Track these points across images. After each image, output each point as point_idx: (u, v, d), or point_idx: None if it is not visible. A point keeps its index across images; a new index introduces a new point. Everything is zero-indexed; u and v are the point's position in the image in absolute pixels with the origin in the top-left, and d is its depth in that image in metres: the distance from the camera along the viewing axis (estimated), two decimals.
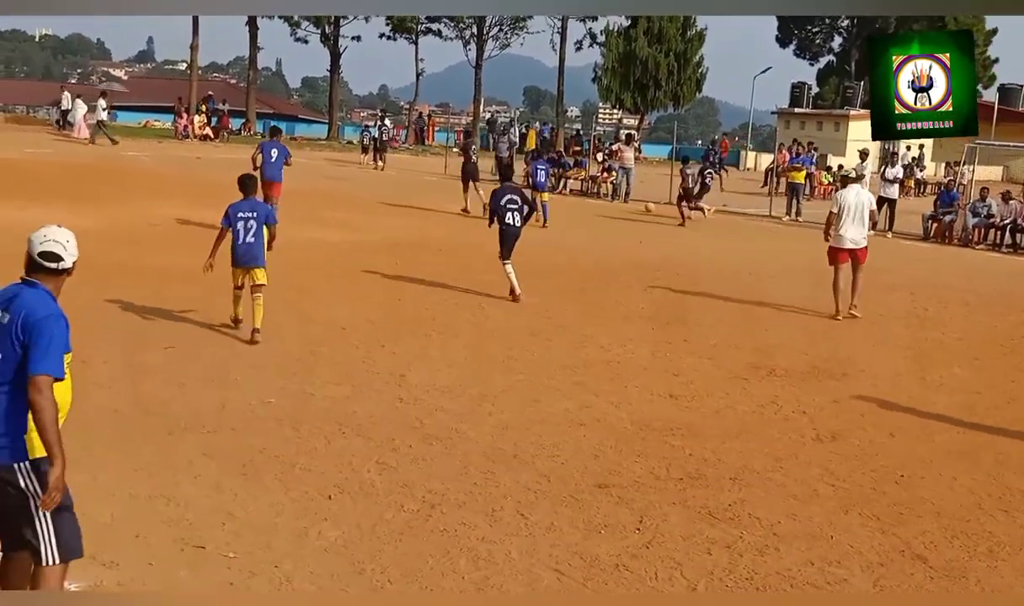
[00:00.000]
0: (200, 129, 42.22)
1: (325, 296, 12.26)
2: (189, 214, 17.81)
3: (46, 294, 4.19)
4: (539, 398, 8.58)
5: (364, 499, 6.17)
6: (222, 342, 9.74)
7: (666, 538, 5.89)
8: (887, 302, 14.47)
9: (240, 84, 70.97)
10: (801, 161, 28.11)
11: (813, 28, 71.29)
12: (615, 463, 7.11)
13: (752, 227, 24.70)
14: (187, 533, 5.54)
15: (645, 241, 19.70)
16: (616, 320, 12.09)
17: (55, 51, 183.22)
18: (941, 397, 9.57)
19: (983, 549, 6.05)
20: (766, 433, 8.05)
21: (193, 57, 50.72)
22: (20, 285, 4.21)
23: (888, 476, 7.19)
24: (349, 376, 8.84)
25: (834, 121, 54.22)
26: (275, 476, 6.44)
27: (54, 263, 4.20)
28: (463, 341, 10.54)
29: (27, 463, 4.12)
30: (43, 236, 4.23)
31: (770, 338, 11.60)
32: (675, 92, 54.73)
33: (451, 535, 5.74)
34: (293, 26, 51.57)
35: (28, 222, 5.43)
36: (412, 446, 7.16)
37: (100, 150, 32.76)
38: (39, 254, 4.20)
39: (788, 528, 6.15)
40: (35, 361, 4.03)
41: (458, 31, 53.69)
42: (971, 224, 23.35)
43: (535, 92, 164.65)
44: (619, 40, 53.92)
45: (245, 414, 7.62)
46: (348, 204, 22.52)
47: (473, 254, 16.02)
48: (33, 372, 4.02)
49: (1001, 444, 8.13)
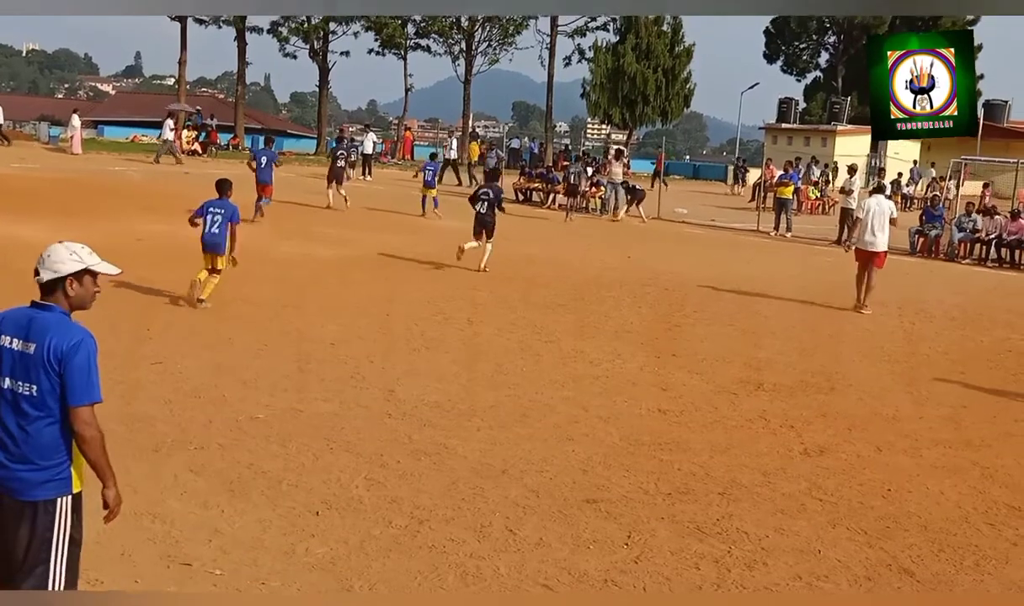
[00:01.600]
0: (188, 144, 42.17)
1: (314, 312, 12.24)
2: (176, 229, 17.76)
3: (62, 315, 4.02)
4: (528, 413, 8.58)
5: (352, 515, 6.16)
6: (209, 358, 9.72)
7: (655, 553, 5.89)
8: (874, 317, 14.52)
9: (228, 99, 70.98)
10: (789, 177, 28.20)
11: (800, 44, 71.77)
12: (604, 478, 7.11)
13: (741, 242, 24.77)
14: (173, 550, 5.52)
15: (634, 256, 19.74)
16: (605, 335, 12.11)
17: (42, 66, 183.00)
18: (928, 411, 9.60)
19: (969, 562, 6.07)
20: (754, 447, 8.07)
21: (181, 72, 50.78)
22: (31, 309, 4.04)
23: (875, 490, 7.21)
24: (338, 392, 8.82)
25: (821, 136, 54.56)
26: (262, 492, 6.42)
27: (36, 276, 4.04)
28: (452, 356, 10.54)
29: (70, 497, 4.03)
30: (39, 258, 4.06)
31: (759, 353, 11.63)
32: (663, 107, 55.01)
33: (439, 551, 5.73)
34: (282, 41, 51.63)
35: (12, 237, 5.40)
36: (400, 462, 7.15)
37: (86, 164, 32.67)
38: (35, 274, 4.05)
39: (776, 542, 6.16)
40: (77, 393, 3.90)
41: (447, 46, 53.85)
42: (956, 239, 23.49)
43: (524, 107, 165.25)
44: (607, 56, 54.17)
45: (232, 430, 7.59)
46: (337, 219, 22.51)
47: (462, 269, 16.03)
48: (77, 404, 3.91)
49: (987, 458, 8.16)
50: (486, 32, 53.92)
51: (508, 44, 54.62)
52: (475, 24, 53.08)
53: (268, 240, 18.26)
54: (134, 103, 73.85)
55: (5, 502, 3.96)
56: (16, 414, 3.94)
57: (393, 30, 51.68)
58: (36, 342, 3.92)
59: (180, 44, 49.37)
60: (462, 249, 15.26)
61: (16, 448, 3.94)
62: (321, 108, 55.21)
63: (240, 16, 50.24)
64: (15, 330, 3.98)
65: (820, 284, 17.89)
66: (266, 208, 20.85)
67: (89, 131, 49.53)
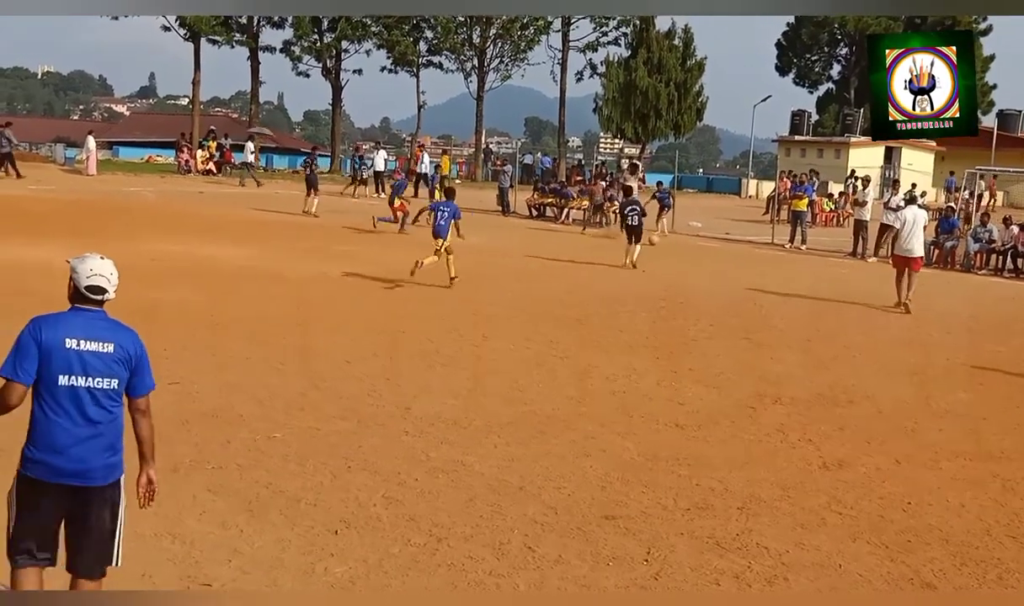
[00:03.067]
0: (203, 164, 42.40)
1: (328, 330, 12.26)
2: (191, 249, 17.88)
3: (111, 318, 4.47)
4: (544, 429, 8.56)
5: (370, 534, 6.15)
6: (225, 377, 9.74)
7: (674, 569, 5.86)
8: (890, 328, 14.46)
9: (242, 118, 71.34)
10: (804, 189, 28.14)
11: (812, 56, 71.69)
12: (622, 494, 7.09)
13: (755, 255, 24.71)
14: (193, 570, 5.52)
15: (648, 270, 19.71)
16: (621, 350, 12.09)
17: (57, 88, 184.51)
18: (947, 423, 9.54)
19: (992, 576, 6.02)
20: (773, 462, 8.03)
21: (195, 92, 51.09)
22: (84, 312, 4.39)
23: (895, 503, 7.17)
24: (354, 410, 8.82)
25: (835, 148, 54.43)
26: (281, 512, 6.42)
27: (104, 293, 4.42)
28: (468, 373, 10.54)
29: (123, 476, 4.52)
30: (89, 269, 4.41)
31: (775, 366, 11.59)
32: (676, 121, 54.92)
33: (458, 569, 5.72)
34: (294, 60, 51.87)
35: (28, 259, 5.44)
36: (418, 479, 7.14)
37: (103, 185, 32.88)
38: (95, 287, 4.40)
39: (796, 557, 6.12)
40: (148, 382, 4.50)
41: (459, 63, 54.02)
42: (972, 250, 23.39)
43: (536, 123, 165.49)
44: (619, 70, 54.19)
45: (250, 450, 7.60)
46: (351, 237, 22.58)
47: (475, 286, 16.05)
48: (147, 391, 4.49)
49: (1008, 470, 8.10)
50: (498, 48, 54.09)
51: (520, 60, 54.73)
52: (487, 40, 53.26)
53: (282, 259, 18.34)
54: (149, 124, 74.29)
55: (92, 492, 4.36)
56: (97, 408, 4.32)
57: (405, 48, 51.88)
58: (113, 342, 4.35)
59: (194, 64, 49.68)
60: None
61: (101, 439, 4.34)
62: (334, 126, 55.41)
63: (252, 36, 50.56)
64: (84, 333, 4.32)
65: (836, 297, 17.83)
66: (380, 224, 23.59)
67: (104, 152, 49.84)
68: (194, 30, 48.06)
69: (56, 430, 4.26)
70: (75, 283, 4.39)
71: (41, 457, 4.26)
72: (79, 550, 4.42)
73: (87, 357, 4.27)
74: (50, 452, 4.25)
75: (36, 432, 4.28)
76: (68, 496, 4.32)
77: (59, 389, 4.25)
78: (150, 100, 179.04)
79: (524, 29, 52.96)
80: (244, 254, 18.62)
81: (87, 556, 4.42)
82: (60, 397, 4.25)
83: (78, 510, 4.36)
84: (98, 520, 4.39)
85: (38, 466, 4.27)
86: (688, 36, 55.43)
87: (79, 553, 4.42)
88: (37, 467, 4.27)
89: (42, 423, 4.26)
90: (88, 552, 4.42)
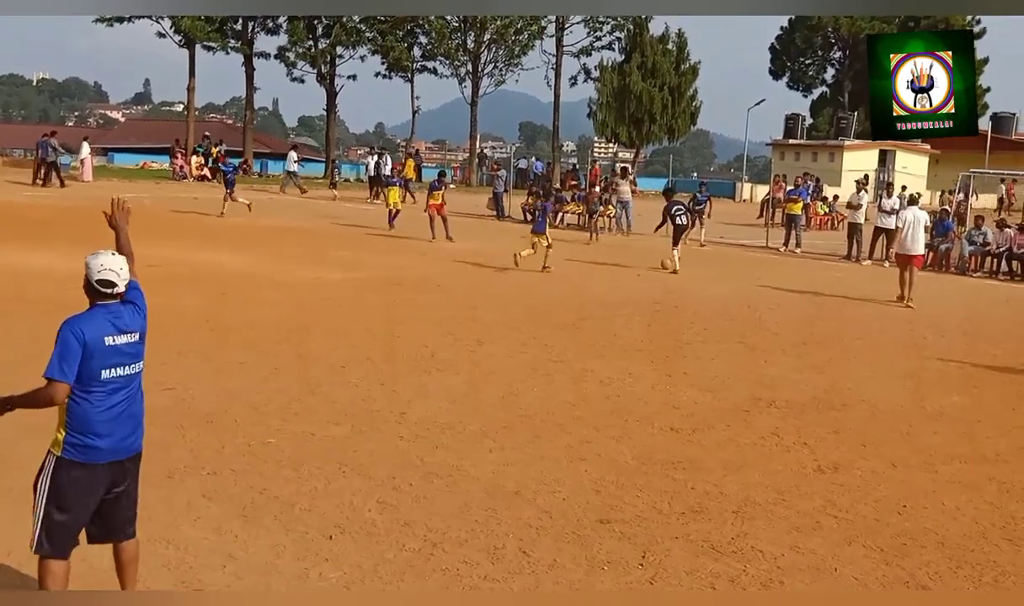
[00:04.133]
0: (197, 169, 42.37)
1: (323, 335, 12.25)
2: (186, 255, 17.86)
3: (121, 303, 4.78)
4: (540, 434, 8.56)
5: (365, 539, 6.14)
6: (221, 383, 9.73)
7: (669, 573, 5.86)
8: (885, 331, 14.48)
9: (237, 124, 71.33)
10: (798, 193, 28.17)
11: (806, 60, 71.87)
12: (617, 498, 7.08)
13: (750, 258, 24.73)
14: (188, 576, 5.51)
15: (643, 275, 19.73)
16: (616, 354, 12.09)
17: (52, 94, 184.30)
18: (942, 426, 9.55)
19: (988, 579, 6.02)
20: (768, 465, 8.03)
21: (190, 98, 51.10)
22: (113, 306, 4.69)
23: (891, 507, 7.17)
24: (349, 415, 8.81)
25: (829, 151, 54.54)
26: (275, 517, 6.41)
27: (114, 287, 4.69)
28: (462, 378, 10.53)
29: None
30: (100, 265, 4.69)
31: (770, 370, 11.60)
32: (670, 125, 54.99)
33: (453, 574, 5.71)
34: (289, 66, 51.83)
35: (25, 266, 5.46)
36: (413, 484, 7.13)
37: (99, 192, 32.82)
38: (105, 281, 4.67)
39: (792, 561, 6.12)
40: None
41: (453, 69, 54.02)
42: (967, 252, 23.43)
43: (531, 127, 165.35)
44: (613, 75, 54.25)
45: (245, 455, 7.59)
46: (348, 242, 22.57)
47: (471, 291, 16.04)
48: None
49: (1003, 472, 8.11)
50: (492, 53, 54.12)
51: (514, 65, 54.75)
52: (481, 45, 53.29)
53: (279, 264, 18.33)
54: (144, 130, 74.34)
55: (130, 461, 4.79)
56: (130, 388, 4.73)
57: (399, 53, 51.89)
58: (136, 329, 4.73)
59: (188, 71, 49.68)
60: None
61: (136, 415, 4.77)
62: (329, 131, 55.37)
63: (247, 42, 50.54)
64: (116, 329, 4.64)
65: (830, 300, 17.86)
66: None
67: (100, 159, 49.83)
68: (189, 36, 48.03)
69: (102, 417, 4.59)
70: (87, 278, 4.66)
71: (91, 442, 4.58)
72: (117, 515, 4.79)
73: (123, 349, 4.65)
74: (97, 437, 4.59)
75: (80, 420, 4.56)
76: (111, 471, 4.68)
77: (102, 382, 4.58)
78: (145, 106, 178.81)
79: (518, 34, 52.98)
80: (240, 259, 18.60)
81: (127, 516, 4.84)
82: (103, 388, 4.59)
83: (119, 479, 4.74)
84: (132, 485, 4.84)
85: (88, 451, 4.58)
86: (682, 40, 55.54)
87: (117, 518, 4.80)
88: (87, 452, 4.58)
89: (87, 412, 4.56)
90: (127, 512, 4.84)
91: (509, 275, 18.50)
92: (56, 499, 4.58)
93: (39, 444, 4.97)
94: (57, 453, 4.59)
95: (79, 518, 4.65)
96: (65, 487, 4.58)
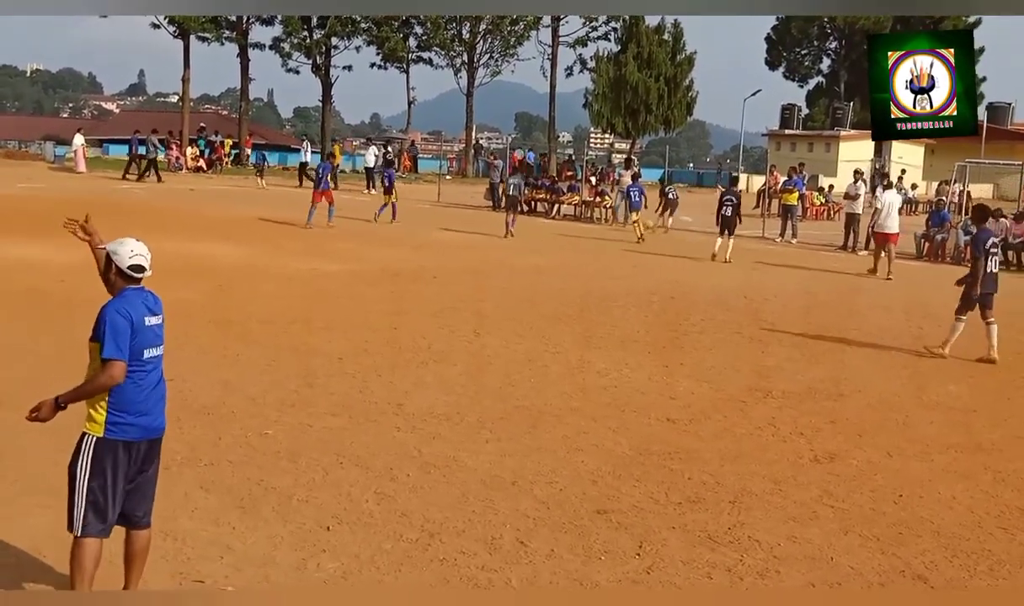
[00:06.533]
0: (193, 161, 42.27)
1: (321, 327, 12.25)
2: (180, 247, 17.82)
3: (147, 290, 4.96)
4: (537, 424, 8.57)
5: (363, 529, 6.15)
6: (218, 375, 9.73)
7: (666, 563, 5.88)
8: (881, 322, 14.49)
9: (232, 115, 71.18)
10: (794, 183, 28.16)
11: (802, 50, 71.85)
12: (614, 488, 7.10)
13: (746, 249, 24.72)
14: (185, 567, 5.52)
15: (639, 265, 19.74)
16: (613, 345, 12.10)
17: (46, 86, 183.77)
18: (938, 416, 9.58)
19: (983, 567, 6.05)
20: (764, 455, 8.05)
21: (185, 89, 50.95)
22: (143, 291, 4.86)
23: (887, 496, 7.19)
24: (346, 406, 8.82)
25: (825, 142, 54.54)
26: (273, 508, 6.42)
27: (143, 271, 4.84)
28: (460, 369, 10.53)
29: None
30: (130, 251, 4.80)
31: (767, 360, 11.62)
32: (666, 116, 55.01)
33: (450, 564, 5.72)
34: (284, 57, 51.77)
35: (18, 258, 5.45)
36: (410, 475, 7.14)
37: (95, 184, 32.75)
38: (138, 266, 4.80)
39: (788, 550, 6.14)
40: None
41: (449, 59, 53.95)
42: (963, 242, 23.41)
43: (527, 118, 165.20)
44: (609, 66, 54.22)
45: (242, 447, 7.60)
46: (344, 235, 22.55)
47: (468, 282, 16.04)
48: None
49: (999, 462, 8.13)
50: (487, 44, 54.04)
51: (510, 56, 54.73)
52: (476, 36, 53.22)
53: (276, 256, 18.32)
54: (138, 121, 74.05)
55: (157, 442, 4.95)
56: (159, 369, 4.91)
57: (395, 44, 51.81)
58: (161, 313, 4.92)
59: (183, 62, 49.54)
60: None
61: (164, 395, 4.95)
62: (324, 122, 55.29)
63: (242, 33, 50.42)
64: (149, 310, 4.83)
65: (826, 290, 17.88)
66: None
67: (94, 150, 49.70)
68: (183, 27, 47.92)
69: (143, 395, 4.77)
70: (118, 265, 4.76)
71: (134, 420, 4.74)
72: (141, 499, 4.89)
73: (157, 330, 4.86)
74: (140, 415, 4.76)
75: (124, 399, 4.70)
76: (144, 450, 4.84)
77: (143, 361, 4.76)
78: (140, 97, 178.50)
79: (514, 25, 52.92)
80: (238, 252, 18.58)
81: (147, 504, 4.94)
82: (144, 367, 4.77)
83: (148, 461, 4.89)
84: (156, 467, 4.99)
85: (129, 429, 4.72)
86: (678, 31, 55.53)
87: (138, 504, 4.88)
88: (128, 430, 4.72)
89: (131, 391, 4.71)
90: (148, 498, 4.94)
91: (505, 266, 18.51)
92: (100, 477, 4.67)
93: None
94: (99, 433, 4.68)
95: (119, 497, 4.76)
96: (107, 465, 4.68)
